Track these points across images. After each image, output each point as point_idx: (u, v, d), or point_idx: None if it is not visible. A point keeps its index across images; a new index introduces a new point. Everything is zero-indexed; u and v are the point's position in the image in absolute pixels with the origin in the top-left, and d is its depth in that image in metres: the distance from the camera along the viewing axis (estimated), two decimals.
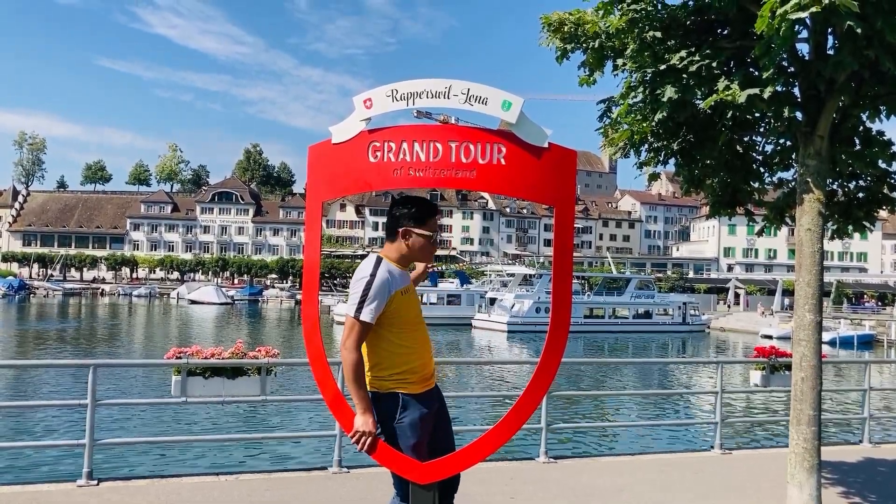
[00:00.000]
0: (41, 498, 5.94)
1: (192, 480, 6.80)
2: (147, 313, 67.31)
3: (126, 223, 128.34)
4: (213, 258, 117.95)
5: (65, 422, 14.39)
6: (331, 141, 3.61)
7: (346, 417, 3.49)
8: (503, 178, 3.44)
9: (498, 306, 54.74)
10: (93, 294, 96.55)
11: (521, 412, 3.53)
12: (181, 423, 14.54)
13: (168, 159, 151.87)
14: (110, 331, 46.14)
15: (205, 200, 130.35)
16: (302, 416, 15.61)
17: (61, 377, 21.00)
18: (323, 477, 6.92)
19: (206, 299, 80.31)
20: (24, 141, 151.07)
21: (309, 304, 3.67)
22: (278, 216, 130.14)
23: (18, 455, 11.23)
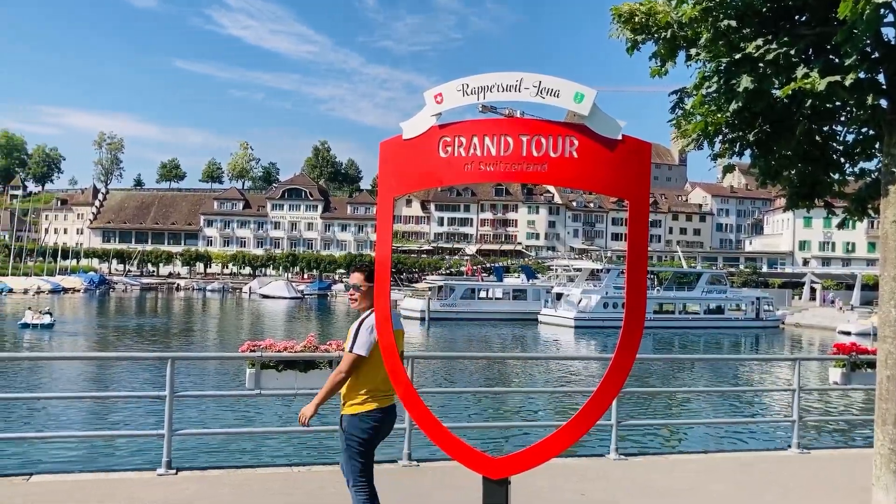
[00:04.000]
0: (124, 485, 6.17)
1: (266, 471, 6.96)
2: (220, 308, 69.12)
3: (200, 220, 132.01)
4: (283, 254, 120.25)
5: (144, 412, 14.89)
6: (402, 137, 3.62)
7: (417, 409, 3.51)
8: (575, 171, 3.40)
9: (564, 301, 54.27)
10: (168, 289, 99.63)
11: (594, 409, 3.49)
12: (255, 415, 14.89)
13: (240, 157, 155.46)
14: (186, 325, 47.55)
15: (275, 197, 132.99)
16: None
17: (140, 370, 21.75)
18: (393, 470, 6.99)
19: (277, 294, 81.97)
20: (103, 141, 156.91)
21: (381, 300, 3.70)
22: (346, 212, 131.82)
23: (102, 443, 11.68)
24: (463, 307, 55.75)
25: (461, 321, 52.47)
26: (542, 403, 18.23)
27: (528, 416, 16.76)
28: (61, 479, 6.46)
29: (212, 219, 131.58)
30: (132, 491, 5.99)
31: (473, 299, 57.59)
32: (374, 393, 4.45)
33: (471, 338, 42.34)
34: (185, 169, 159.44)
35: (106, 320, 49.53)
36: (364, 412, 4.47)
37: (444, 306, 55.41)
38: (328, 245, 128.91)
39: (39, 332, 36.50)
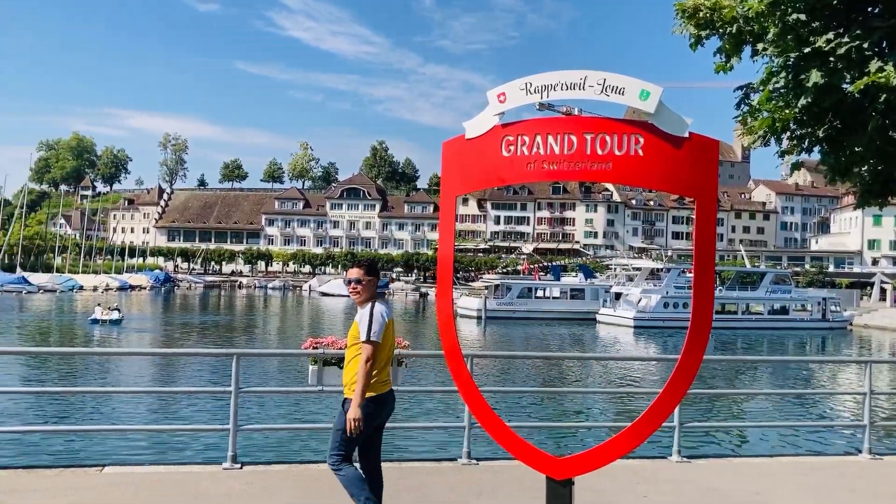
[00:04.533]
0: (191, 478, 6.34)
1: (328, 467, 7.04)
2: (281, 305, 70.33)
3: (261, 219, 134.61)
4: (342, 252, 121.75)
5: (211, 408, 15.26)
6: (464, 136, 3.63)
7: (479, 408, 3.52)
8: (640, 169, 3.36)
9: (624, 301, 53.58)
10: (231, 287, 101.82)
11: (660, 411, 3.44)
12: (317, 411, 15.11)
13: (300, 157, 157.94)
14: (248, 322, 48.53)
15: (334, 197, 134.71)
16: (430, 408, 15.87)
17: (204, 366, 22.29)
18: (452, 468, 7.01)
19: (336, 292, 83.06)
20: (168, 142, 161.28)
21: (443, 299, 3.72)
22: (403, 211, 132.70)
23: (169, 437, 12.02)
24: (519, 306, 55.54)
25: (518, 320, 52.29)
26: (599, 404, 18.06)
27: (586, 417, 16.62)
28: (132, 470, 6.67)
29: (273, 218, 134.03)
30: (200, 484, 6.15)
31: (530, 298, 57.31)
32: (375, 379, 4.74)
33: (527, 337, 42.16)
34: (247, 169, 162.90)
35: (171, 317, 50.89)
36: (371, 396, 4.73)
37: (500, 305, 55.29)
38: (386, 244, 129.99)
39: (108, 328, 37.72)
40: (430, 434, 12.70)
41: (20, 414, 14.58)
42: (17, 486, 5.94)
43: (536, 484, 6.24)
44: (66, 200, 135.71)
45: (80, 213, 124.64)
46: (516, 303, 55.87)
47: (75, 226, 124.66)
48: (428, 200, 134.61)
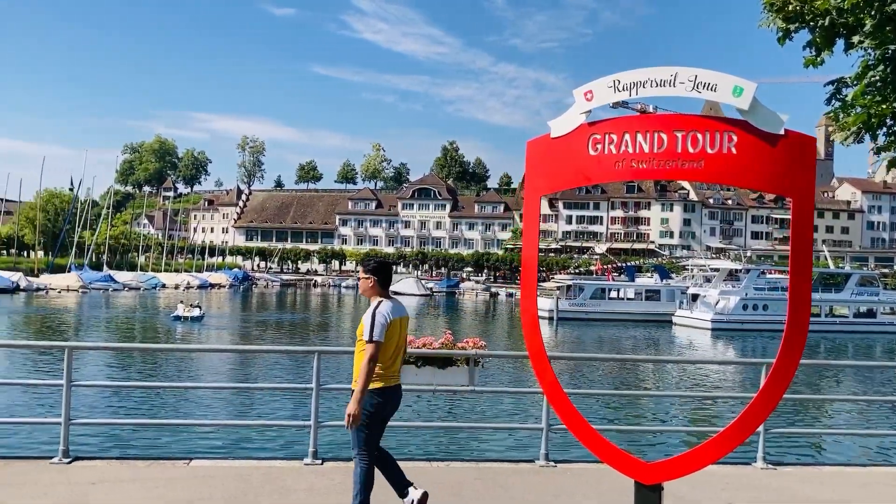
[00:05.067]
0: (274, 473, 6.47)
1: (406, 465, 7.06)
2: (354, 304, 71.30)
3: (335, 219, 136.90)
4: (413, 252, 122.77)
5: (290, 404, 15.57)
6: (549, 135, 3.59)
7: (565, 409, 3.48)
8: (734, 168, 3.26)
9: (701, 303, 52.32)
10: (306, 285, 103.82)
11: (753, 416, 3.34)
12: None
13: (372, 158, 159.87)
14: (324, 320, 49.40)
15: (406, 197, 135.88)
16: (507, 408, 15.84)
17: (284, 362, 22.78)
18: (530, 470, 6.97)
19: (407, 291, 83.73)
20: (246, 145, 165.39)
21: (528, 300, 3.70)
22: (474, 211, 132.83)
23: (252, 432, 12.31)
24: (592, 307, 54.88)
25: (590, 321, 51.68)
26: (675, 408, 17.68)
27: (662, 422, 16.30)
28: (218, 464, 6.86)
29: (346, 218, 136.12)
30: (283, 478, 6.28)
31: (604, 299, 56.55)
32: (382, 373, 5.01)
33: (600, 339, 41.62)
34: (322, 170, 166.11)
35: (249, 315, 52.20)
36: (373, 389, 4.97)
37: (572, 306, 54.73)
38: (456, 243, 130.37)
39: (190, 325, 38.95)
40: (506, 435, 12.67)
41: (110, 407, 15.18)
42: (111, 477, 6.18)
43: (615, 487, 6.16)
44: (150, 201, 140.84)
45: (163, 213, 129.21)
46: (589, 304, 55.22)
47: (158, 225, 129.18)
48: (498, 200, 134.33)
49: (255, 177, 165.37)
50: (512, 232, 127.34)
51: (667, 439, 13.09)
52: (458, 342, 7.30)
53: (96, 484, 5.94)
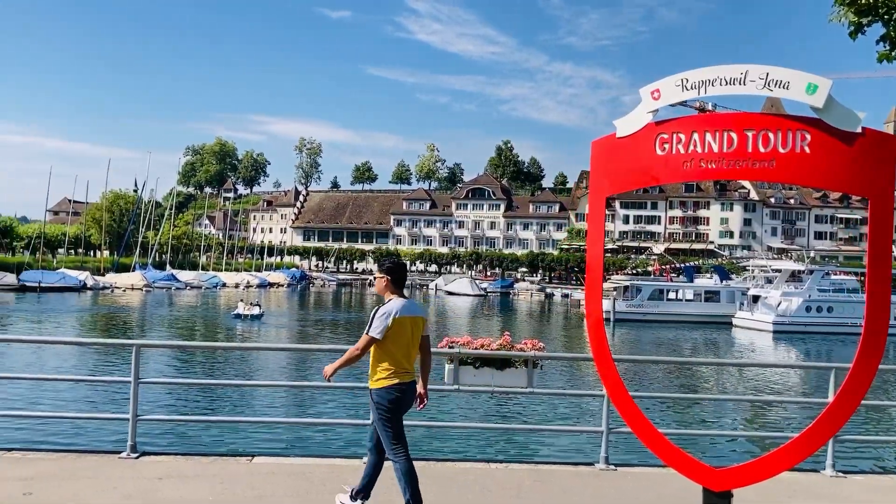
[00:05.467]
0: (334, 471, 6.54)
1: (465, 466, 7.10)
2: None
3: (390, 219, 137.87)
4: (467, 252, 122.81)
5: (348, 403, 15.72)
6: (615, 135, 3.54)
7: (630, 413, 3.42)
8: (807, 167, 3.16)
9: (762, 304, 51.06)
10: (362, 285, 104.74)
11: (830, 422, 3.24)
12: (452, 409, 15.29)
13: (426, 159, 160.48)
14: None
15: (460, 197, 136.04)
16: (563, 410, 15.72)
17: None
18: (589, 473, 6.90)
19: (462, 291, 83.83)
20: (303, 146, 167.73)
21: (593, 302, 3.65)
22: (528, 211, 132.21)
23: (312, 430, 12.46)
24: (650, 308, 54.05)
25: (648, 323, 50.93)
26: (735, 413, 17.31)
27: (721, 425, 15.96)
28: (279, 461, 6.96)
29: (401, 218, 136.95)
30: (344, 476, 6.33)
31: (661, 300, 55.65)
32: (395, 369, 5.22)
33: (658, 340, 40.99)
34: (377, 171, 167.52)
35: (306, 313, 52.95)
36: (388, 385, 5.21)
37: (629, 307, 53.98)
38: (510, 243, 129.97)
39: (249, 323, 39.70)
40: (562, 437, 12.58)
41: (172, 403, 15.56)
42: (176, 472, 6.33)
43: (678, 492, 6.05)
44: (211, 202, 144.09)
45: (223, 213, 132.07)
46: (647, 305, 54.40)
47: (218, 226, 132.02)
48: (553, 200, 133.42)
49: (312, 178, 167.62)
50: (567, 232, 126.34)
51: (728, 444, 12.82)
52: (517, 344, 7.27)
53: (163, 479, 6.10)
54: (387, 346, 5.23)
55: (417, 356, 5.47)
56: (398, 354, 5.23)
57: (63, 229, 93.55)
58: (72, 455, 6.86)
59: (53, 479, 5.98)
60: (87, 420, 12.51)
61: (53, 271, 67.38)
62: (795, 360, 35.98)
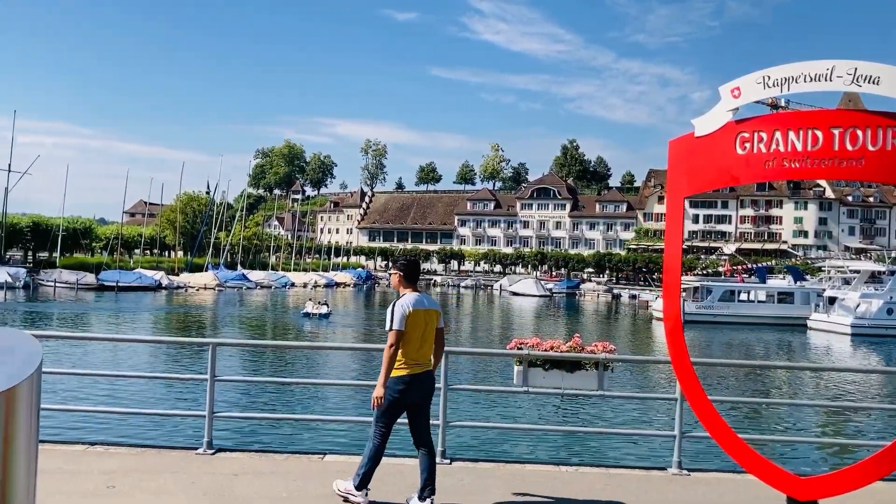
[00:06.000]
0: (405, 470, 6.57)
1: (535, 468, 7.06)
2: (473, 303, 71.77)
3: (454, 220, 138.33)
4: (532, 252, 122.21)
5: None
6: (693, 134, 3.46)
7: (709, 419, 3.35)
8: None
9: (839, 306, 49.31)
10: (426, 285, 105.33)
11: None
12: (522, 411, 15.24)
13: (491, 159, 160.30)
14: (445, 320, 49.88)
15: (524, 197, 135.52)
16: (637, 414, 15.48)
17: None
18: (661, 478, 6.77)
19: (526, 291, 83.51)
20: (369, 148, 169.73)
21: (670, 304, 3.58)
22: (595, 210, 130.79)
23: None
24: (721, 310, 52.80)
25: (718, 324, 49.76)
26: (811, 418, 16.75)
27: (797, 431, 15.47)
28: (350, 459, 7.02)
29: (465, 218, 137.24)
30: (413, 476, 6.36)
31: (733, 301, 54.29)
32: (406, 360, 5.46)
33: (730, 343, 40.03)
34: (441, 171, 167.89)
35: (372, 312, 53.52)
36: (397, 376, 5.46)
37: (699, 308, 52.82)
38: (576, 243, 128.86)
39: (318, 322, 40.37)
40: (632, 440, 12.39)
41: (242, 400, 15.92)
42: (251, 469, 6.47)
43: (755, 501, 5.88)
44: (279, 203, 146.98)
45: (292, 215, 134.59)
46: (717, 306, 53.16)
47: (287, 227, 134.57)
48: (620, 199, 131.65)
49: (378, 179, 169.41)
50: (635, 232, 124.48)
51: (803, 451, 12.41)
52: (587, 346, 7.18)
53: (238, 475, 6.24)
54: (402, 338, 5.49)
55: None
56: (411, 346, 5.48)
57: (139, 230, 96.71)
58: (151, 450, 7.08)
59: (135, 472, 6.18)
60: (162, 416, 12.86)
61: (130, 271, 69.83)
62: (876, 364, 34.62)
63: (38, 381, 2.78)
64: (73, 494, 5.50)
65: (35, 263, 79.10)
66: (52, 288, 62.09)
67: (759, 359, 33.27)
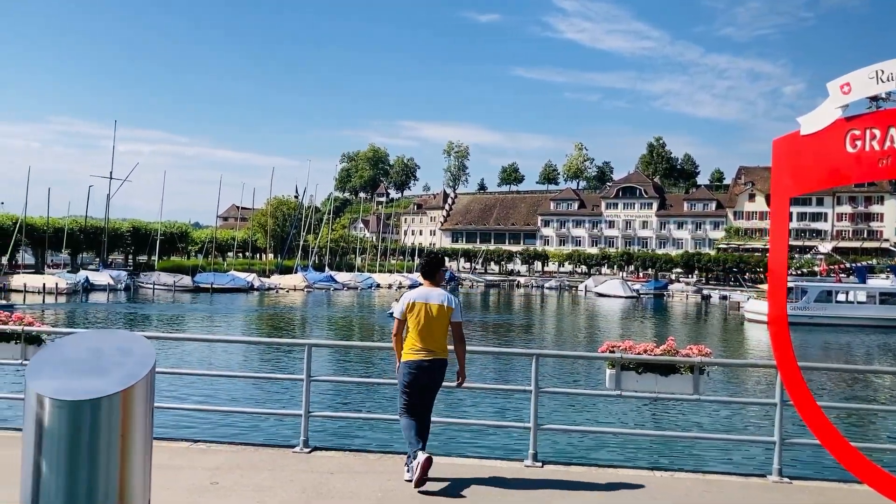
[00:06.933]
0: (494, 473, 6.58)
1: (628, 472, 6.96)
2: (557, 305, 71.16)
3: (537, 220, 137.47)
4: (617, 252, 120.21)
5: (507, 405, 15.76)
6: (798, 133, 3.35)
7: (820, 426, 3.23)
8: None
9: None
10: (510, 286, 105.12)
11: None
12: (614, 415, 15.03)
13: (574, 158, 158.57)
14: (528, 321, 49.77)
15: (609, 196, 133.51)
16: (731, 419, 15.05)
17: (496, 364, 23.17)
18: (762, 485, 6.56)
19: (612, 293, 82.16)
20: (451, 150, 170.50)
21: (776, 307, 3.48)
22: (682, 209, 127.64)
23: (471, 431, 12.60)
24: (817, 311, 50.62)
25: (815, 326, 47.74)
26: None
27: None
28: (442, 460, 7.04)
29: (548, 219, 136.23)
30: (503, 477, 6.38)
31: (830, 303, 51.98)
32: (410, 348, 6.16)
33: (827, 345, 38.38)
34: (524, 172, 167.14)
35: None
36: (404, 361, 6.19)
37: (794, 310, 50.70)
38: (664, 243, 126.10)
39: None
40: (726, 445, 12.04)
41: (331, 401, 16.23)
42: (347, 467, 6.61)
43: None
44: (365, 206, 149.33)
45: (376, 217, 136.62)
46: (813, 307, 51.00)
47: (372, 229, 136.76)
48: (709, 197, 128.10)
49: (460, 180, 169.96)
50: (725, 231, 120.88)
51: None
52: (681, 349, 7.03)
53: (334, 474, 6.38)
54: (407, 326, 6.22)
55: None
56: (413, 334, 6.14)
57: (232, 234, 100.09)
58: (250, 448, 7.33)
59: (236, 469, 6.41)
60: (260, 415, 13.24)
61: (224, 273, 72.32)
62: None
63: (152, 381, 2.94)
64: (179, 490, 5.74)
65: (135, 266, 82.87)
66: (151, 290, 64.94)
67: (861, 363, 31.79)
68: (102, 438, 2.65)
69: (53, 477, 2.63)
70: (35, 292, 54.21)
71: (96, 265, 72.42)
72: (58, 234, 71.59)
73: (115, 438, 2.69)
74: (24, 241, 68.85)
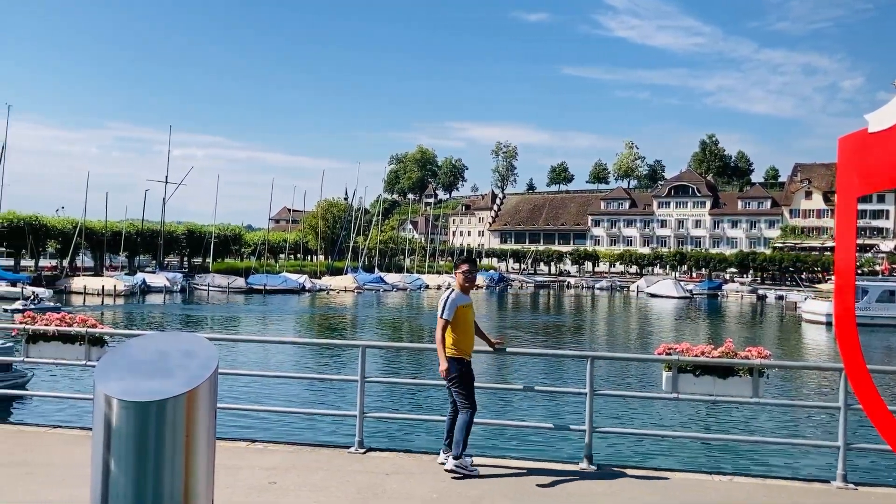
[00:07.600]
0: (550, 474, 6.53)
1: (686, 476, 6.85)
2: (608, 306, 70.42)
3: (587, 220, 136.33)
4: (670, 252, 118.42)
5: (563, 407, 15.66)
6: (866, 130, 3.25)
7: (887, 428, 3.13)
8: None
9: None
10: (560, 287, 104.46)
11: None
12: (671, 418, 14.82)
13: (625, 157, 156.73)
14: (579, 322, 49.36)
15: (661, 195, 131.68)
16: (791, 423, 14.70)
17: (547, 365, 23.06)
18: (825, 491, 6.39)
19: (665, 293, 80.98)
20: (499, 150, 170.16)
21: (843, 310, 3.38)
22: (736, 208, 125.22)
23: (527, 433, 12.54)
24: (879, 311, 49.08)
25: (877, 327, 46.32)
26: None
27: None
28: (498, 462, 7.04)
29: (599, 218, 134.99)
30: (559, 479, 6.34)
31: (892, 302, 50.36)
32: (457, 346, 6.56)
33: (890, 347, 37.22)
34: (573, 171, 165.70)
35: (505, 315, 53.62)
36: (454, 357, 6.53)
37: (855, 310, 49.32)
38: (717, 242, 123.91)
39: None
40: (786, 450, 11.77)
41: (384, 402, 16.32)
42: (402, 468, 6.64)
43: None
44: (413, 207, 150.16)
45: (425, 218, 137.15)
46: (875, 307, 49.46)
47: (420, 230, 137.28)
48: (764, 195, 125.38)
49: (508, 181, 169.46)
50: (781, 229, 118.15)
51: None
52: (741, 351, 6.89)
53: (390, 474, 6.42)
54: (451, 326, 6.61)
55: None
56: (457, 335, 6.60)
57: (283, 236, 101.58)
58: (306, 448, 7.41)
59: (293, 469, 6.49)
60: (315, 416, 13.38)
61: (276, 275, 73.36)
62: None
63: (215, 383, 2.99)
64: (238, 489, 5.83)
65: (190, 268, 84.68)
66: (206, 291, 66.25)
67: None
68: (168, 439, 2.70)
69: (122, 476, 2.69)
70: (95, 294, 55.77)
71: (153, 267, 74.16)
72: (115, 237, 73.60)
73: (179, 439, 2.74)
74: (84, 245, 70.92)
